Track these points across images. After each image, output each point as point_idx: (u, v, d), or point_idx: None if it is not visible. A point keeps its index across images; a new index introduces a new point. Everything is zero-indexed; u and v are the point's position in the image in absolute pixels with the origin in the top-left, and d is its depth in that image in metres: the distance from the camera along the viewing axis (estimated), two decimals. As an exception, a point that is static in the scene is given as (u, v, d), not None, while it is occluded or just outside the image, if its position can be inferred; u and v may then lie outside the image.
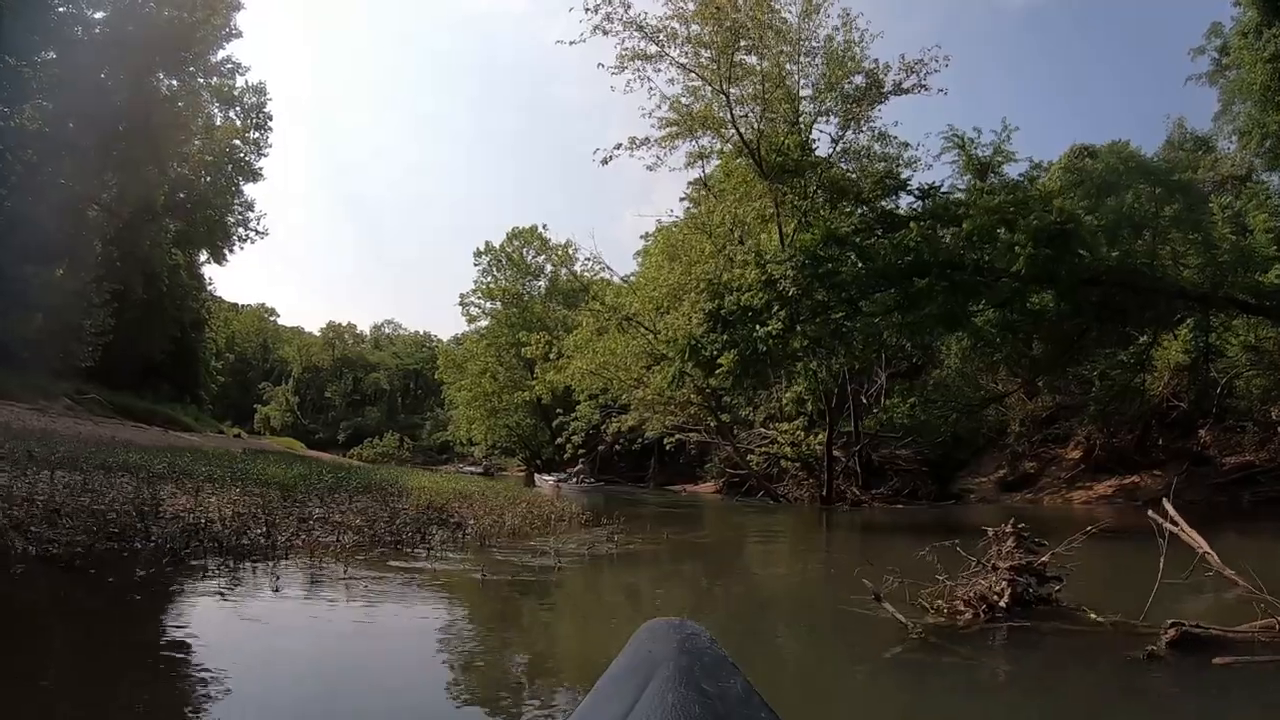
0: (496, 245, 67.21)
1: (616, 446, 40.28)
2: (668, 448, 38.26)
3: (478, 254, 68.02)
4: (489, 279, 67.64)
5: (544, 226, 30.29)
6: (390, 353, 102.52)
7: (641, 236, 42.49)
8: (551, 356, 32.71)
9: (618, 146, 24.21)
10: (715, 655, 1.26)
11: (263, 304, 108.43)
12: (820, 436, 31.16)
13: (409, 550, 10.96)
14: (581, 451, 44.57)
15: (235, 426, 70.92)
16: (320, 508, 13.61)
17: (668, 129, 24.49)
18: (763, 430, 35.54)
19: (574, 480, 46.54)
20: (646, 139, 24.20)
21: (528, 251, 65.78)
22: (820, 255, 20.79)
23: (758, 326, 20.02)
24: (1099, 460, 33.20)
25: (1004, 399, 32.92)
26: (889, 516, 27.50)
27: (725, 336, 20.24)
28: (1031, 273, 20.93)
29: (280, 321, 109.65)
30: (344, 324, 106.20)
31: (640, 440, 37.39)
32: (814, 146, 26.56)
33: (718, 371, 20.63)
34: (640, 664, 1.24)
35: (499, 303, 66.07)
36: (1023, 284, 22.27)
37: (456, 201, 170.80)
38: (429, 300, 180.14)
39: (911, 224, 21.70)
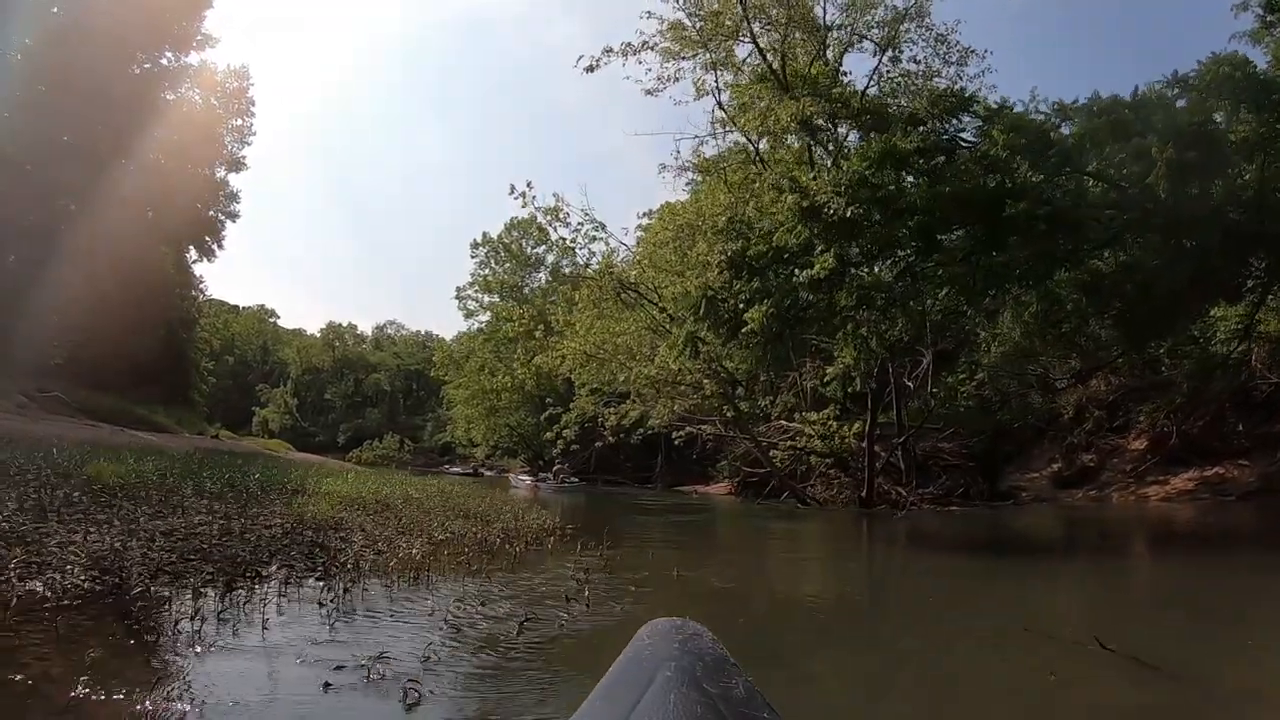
0: (494, 236, 61.80)
1: (612, 440, 34.23)
2: (676, 443, 31.91)
3: (475, 246, 62.60)
4: (486, 271, 61.96)
5: (529, 185, 24.35)
6: (391, 353, 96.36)
7: (642, 215, 36.33)
8: (538, 335, 26.67)
9: (607, 51, 18.35)
10: (717, 655, 1.21)
11: (262, 305, 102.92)
12: (857, 427, 25.19)
13: (150, 621, 5.04)
14: (575, 448, 38.59)
15: (224, 429, 65.12)
16: (119, 525, 7.89)
17: (670, 33, 18.51)
18: (784, 423, 29.49)
19: (556, 480, 40.60)
20: (645, 44, 18.28)
21: (527, 242, 60.27)
22: (874, 182, 14.92)
23: (796, 271, 14.09)
24: (1171, 450, 27.22)
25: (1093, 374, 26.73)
26: (945, 522, 21.67)
27: (754, 284, 14.22)
28: (1167, 196, 15.11)
29: (281, 323, 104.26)
30: (344, 324, 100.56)
31: (641, 433, 31.28)
32: (847, 79, 20.90)
33: (743, 330, 14.55)
34: (642, 664, 1.18)
35: (497, 296, 60.27)
36: (1136, 219, 16.46)
37: (460, 201, 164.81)
38: (432, 301, 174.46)
39: (995, 133, 15.65)
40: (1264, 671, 5.71)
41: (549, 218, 25.28)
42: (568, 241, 25.25)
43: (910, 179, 15.35)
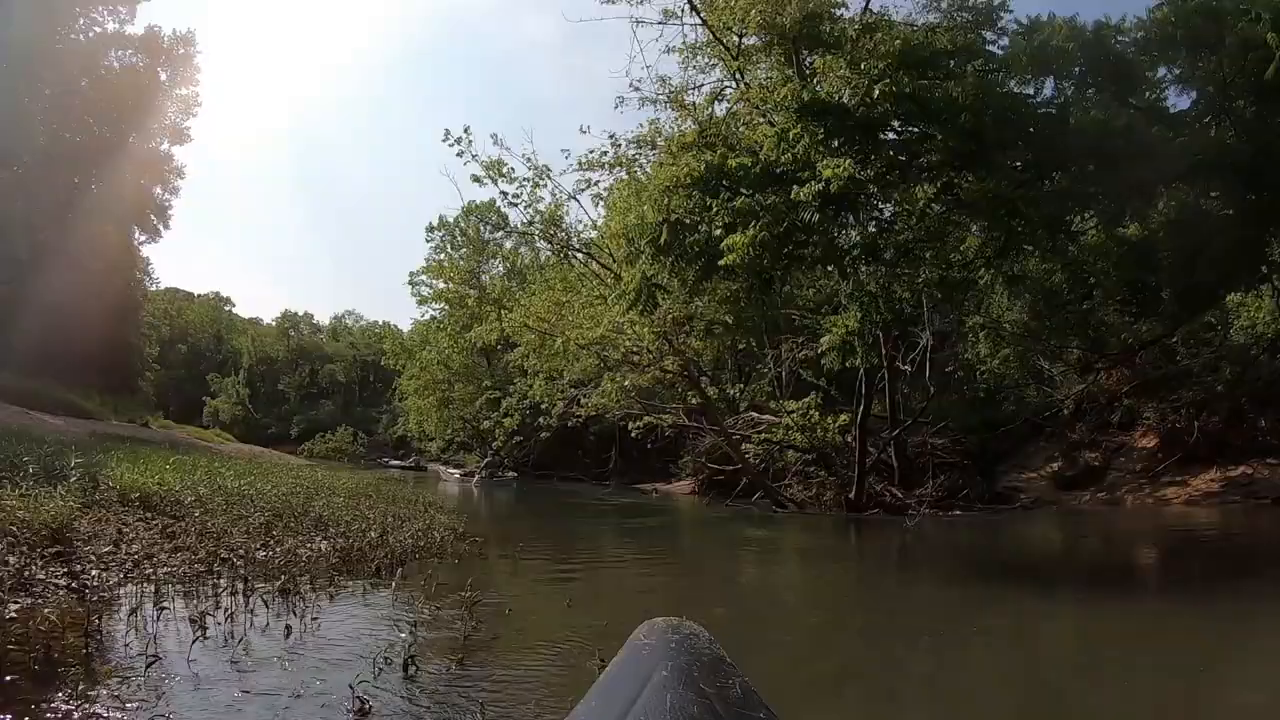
0: (451, 220, 56.93)
1: (550, 430, 29.77)
2: (634, 435, 27.12)
3: (430, 229, 57.47)
4: (441, 256, 57.04)
5: (466, 131, 20.15)
6: (348, 343, 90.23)
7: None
8: (470, 302, 22.29)
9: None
10: (714, 655, 1.18)
11: (216, 293, 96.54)
12: (843, 419, 21.02)
13: None
14: (518, 439, 34.04)
15: (167, 418, 59.92)
16: None
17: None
18: (755, 415, 25.15)
19: (485, 475, 36.37)
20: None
21: (484, 228, 55.46)
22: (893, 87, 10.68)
23: (795, 188, 9.77)
24: (1188, 448, 23.36)
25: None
26: (948, 530, 17.64)
27: (738, 201, 9.85)
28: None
29: (238, 312, 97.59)
30: (300, 313, 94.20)
31: (578, 419, 26.75)
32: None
33: (721, 264, 10.03)
34: (639, 664, 1.15)
35: (450, 283, 55.44)
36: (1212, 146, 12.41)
37: (425, 191, 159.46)
38: (391, 292, 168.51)
39: (1059, 24, 11.46)
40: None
41: (491, 173, 21.05)
42: (509, 197, 20.99)
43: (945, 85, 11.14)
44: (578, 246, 20.51)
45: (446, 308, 53.19)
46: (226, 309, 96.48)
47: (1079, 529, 19.30)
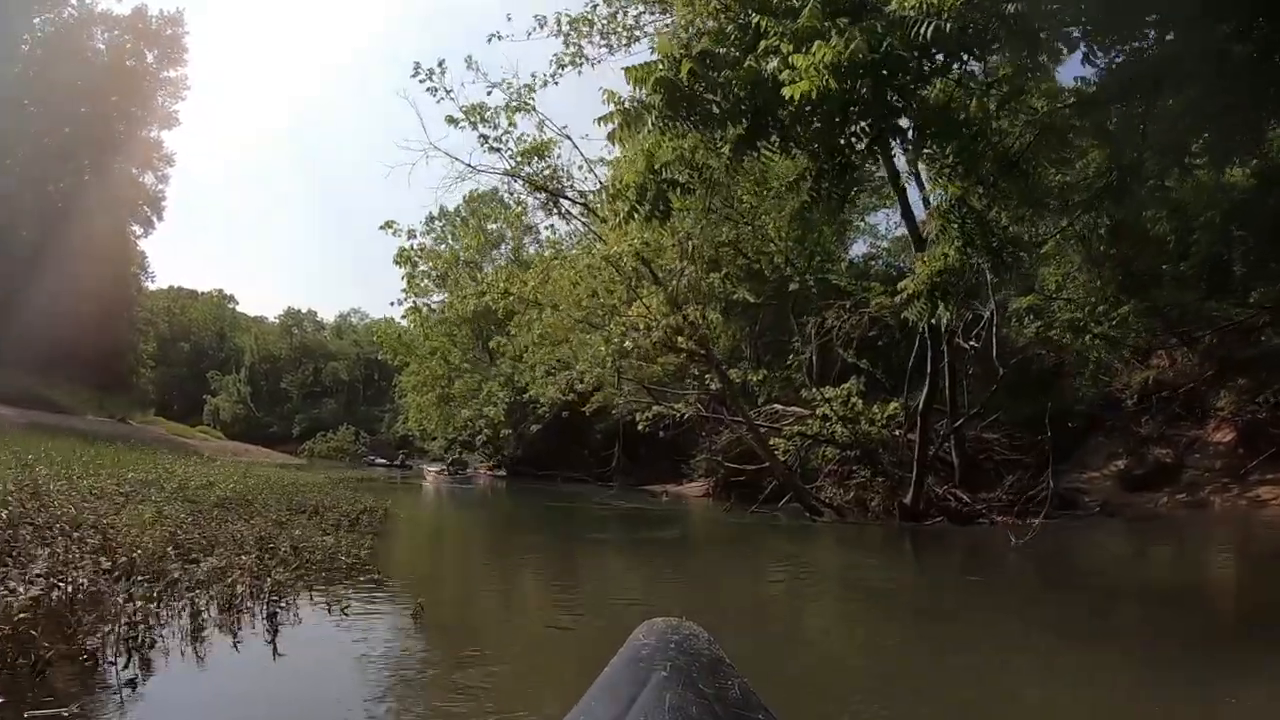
0: (452, 210, 53.42)
1: (541, 424, 25.90)
2: (640, 428, 22.76)
3: (430, 220, 53.87)
4: (442, 247, 53.43)
5: (440, 64, 16.87)
6: (351, 341, 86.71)
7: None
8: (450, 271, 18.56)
9: None
10: (713, 656, 1.16)
11: (220, 290, 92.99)
12: (892, 407, 17.04)
13: None
14: (507, 433, 30.28)
15: (160, 415, 57.50)
16: None
17: None
18: (779, 407, 21.15)
19: (448, 471, 33.35)
20: None
21: (488, 210, 51.97)
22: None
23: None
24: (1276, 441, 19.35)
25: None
26: (1037, 542, 13.60)
27: (803, 16, 5.76)
28: None
29: (242, 309, 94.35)
30: (304, 311, 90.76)
31: (564, 410, 22.85)
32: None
33: (785, 91, 5.65)
34: (638, 664, 1.12)
35: (435, 264, 51.94)
36: None
37: (426, 191, 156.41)
38: (396, 291, 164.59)
39: None
40: None
41: (471, 117, 17.29)
42: (490, 141, 17.20)
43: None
44: (571, 197, 16.61)
45: (412, 275, 49.94)
46: (230, 306, 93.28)
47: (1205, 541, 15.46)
